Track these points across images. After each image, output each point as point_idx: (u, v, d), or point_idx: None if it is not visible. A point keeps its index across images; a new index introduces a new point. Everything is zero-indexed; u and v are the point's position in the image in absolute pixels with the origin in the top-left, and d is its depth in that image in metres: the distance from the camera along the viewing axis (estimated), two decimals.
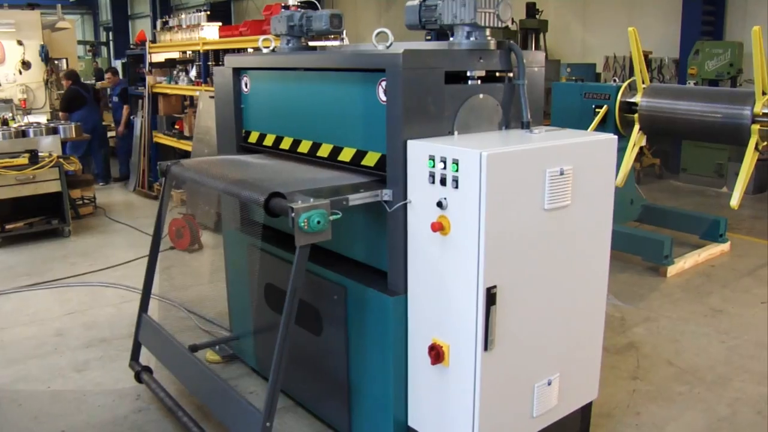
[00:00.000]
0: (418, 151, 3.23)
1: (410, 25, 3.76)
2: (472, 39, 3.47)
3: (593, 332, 3.76)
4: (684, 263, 6.99)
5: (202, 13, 9.22)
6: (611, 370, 4.86)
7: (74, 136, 9.79)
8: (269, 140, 4.43)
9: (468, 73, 3.50)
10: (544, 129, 3.56)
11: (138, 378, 4.64)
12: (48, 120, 10.66)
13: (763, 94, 6.14)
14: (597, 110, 7.26)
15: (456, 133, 3.44)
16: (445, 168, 3.08)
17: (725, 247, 7.60)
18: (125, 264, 7.59)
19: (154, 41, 10.69)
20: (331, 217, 3.12)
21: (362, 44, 4.76)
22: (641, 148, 10.82)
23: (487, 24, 3.43)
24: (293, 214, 3.03)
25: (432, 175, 3.15)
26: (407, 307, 3.48)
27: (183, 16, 9.65)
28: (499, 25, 3.48)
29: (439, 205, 3.13)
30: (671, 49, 11.53)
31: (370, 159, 3.59)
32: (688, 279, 6.77)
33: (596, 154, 3.46)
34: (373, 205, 3.46)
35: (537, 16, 11.89)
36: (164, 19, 10.37)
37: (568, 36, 13.58)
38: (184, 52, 10.17)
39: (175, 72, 10.05)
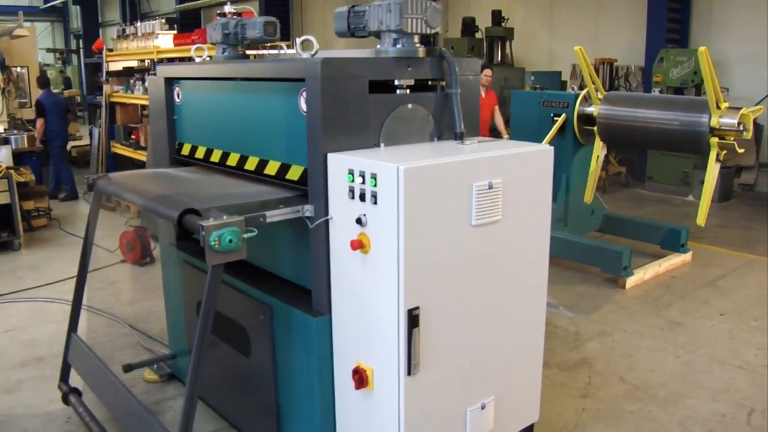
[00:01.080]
0: (339, 165, 3.06)
1: (339, 32, 3.59)
2: (399, 46, 3.30)
3: (532, 351, 3.60)
4: (644, 274, 6.87)
5: (157, 21, 9.01)
6: (561, 387, 4.71)
7: (27, 146, 9.53)
8: (201, 153, 4.25)
9: (396, 82, 3.34)
10: (476, 140, 3.40)
11: (65, 400, 4.44)
12: (5, 129, 10.37)
13: (718, 107, 6.04)
14: (555, 119, 7.13)
15: (383, 145, 3.27)
16: (364, 183, 2.91)
17: (687, 257, 7.49)
18: (74, 278, 7.32)
19: (111, 49, 10.46)
20: (246, 235, 2.95)
21: (308, 52, 4.58)
22: (606, 156, 10.82)
23: (414, 30, 3.27)
24: (203, 233, 2.86)
25: (352, 190, 2.99)
26: (332, 328, 3.30)
27: (138, 24, 9.44)
28: (428, 32, 3.32)
29: (359, 221, 2.96)
30: (637, 56, 11.49)
31: (294, 173, 3.42)
32: (647, 290, 6.64)
33: (531, 166, 3.31)
34: (299, 221, 3.29)
35: (503, 24, 11.79)
36: (121, 27, 10.15)
37: (535, 44, 13.50)
38: (143, 61, 9.95)
39: (131, 81, 9.83)
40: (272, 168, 3.59)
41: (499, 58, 11.82)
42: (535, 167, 3.32)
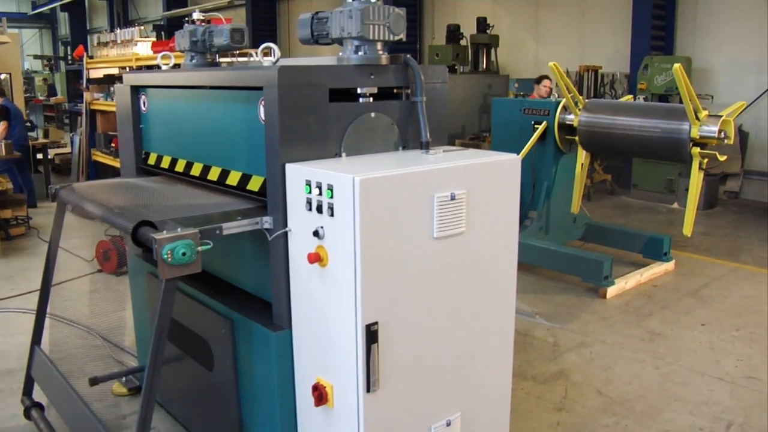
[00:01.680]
0: (296, 176, 2.97)
1: (303, 39, 3.51)
2: (360, 54, 3.22)
3: (500, 365, 3.49)
4: (625, 283, 6.79)
5: (136, 28, 8.91)
6: (536, 401, 4.62)
7: (4, 154, 9.41)
8: (166, 162, 4.16)
9: (358, 91, 3.25)
10: (441, 150, 3.31)
11: (27, 415, 4.34)
12: None
13: (697, 119, 5.99)
14: (536, 126, 7.06)
15: (344, 155, 3.19)
16: (320, 194, 2.82)
17: (669, 265, 7.42)
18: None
19: (92, 57, 10.36)
20: (201, 248, 2.86)
21: (269, 60, 4.50)
22: (591, 164, 10.76)
23: (377, 37, 3.18)
24: (155, 246, 2.77)
25: (309, 202, 2.90)
26: (292, 343, 3.21)
27: (118, 31, 9.34)
28: (392, 39, 3.24)
29: (316, 234, 2.87)
30: (623, 63, 11.45)
31: (255, 183, 3.33)
32: (629, 300, 6.56)
33: (497, 176, 3.22)
34: (260, 233, 3.20)
35: (488, 31, 11.73)
36: (101, 34, 10.05)
37: (521, 51, 13.46)
38: (124, 68, 9.84)
39: (112, 88, 9.72)
40: (234, 178, 3.51)
41: (484, 66, 11.76)
42: (502, 177, 3.24)
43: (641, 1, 10.91)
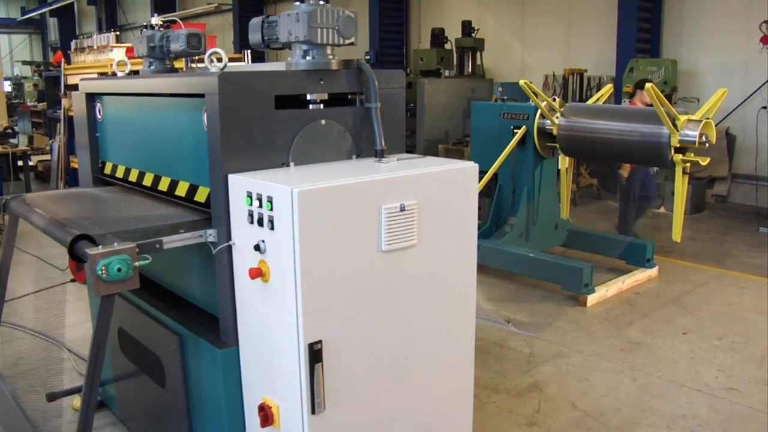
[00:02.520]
0: (238, 187, 2.83)
1: (254, 44, 3.38)
2: (309, 58, 3.08)
3: (460, 382, 3.35)
4: (606, 291, 6.65)
5: (111, 34, 8.77)
6: (507, 415, 4.48)
7: None
8: (120, 172, 4.03)
9: (308, 97, 3.12)
10: (395, 158, 3.18)
11: None
12: None
13: (676, 129, 5.87)
14: (515, 131, 6.93)
15: (292, 164, 3.05)
16: (261, 206, 2.69)
17: (653, 272, 7.28)
18: (18, 299, 7.08)
19: (69, 63, 10.22)
20: (139, 263, 2.72)
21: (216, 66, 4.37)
22: (577, 168, 10.65)
23: (326, 41, 3.05)
24: (89, 261, 2.63)
25: (251, 214, 2.76)
26: (240, 360, 3.07)
27: (95, 36, 9.20)
28: (342, 42, 3.10)
29: (257, 248, 2.73)
30: (609, 66, 11.33)
31: (202, 194, 3.19)
32: (609, 308, 6.42)
33: (452, 185, 3.08)
34: (208, 247, 3.06)
35: (473, 35, 11.60)
36: (79, 40, 9.91)
37: (507, 55, 13.34)
38: (101, 74, 9.71)
39: None
40: (182, 189, 3.37)
41: (470, 70, 11.64)
42: (458, 186, 3.10)
43: (627, 3, 10.79)
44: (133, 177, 3.87)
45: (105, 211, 3.54)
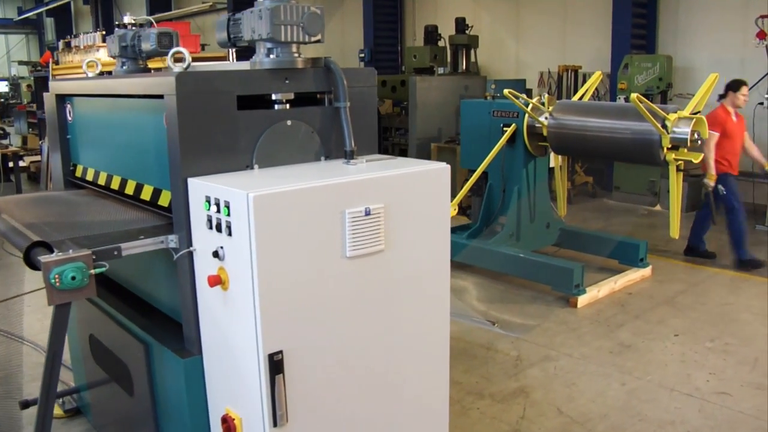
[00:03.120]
0: (197, 191, 2.73)
1: (220, 42, 3.27)
2: (273, 57, 2.97)
3: (434, 391, 3.24)
4: (598, 291, 6.53)
5: (98, 33, 8.67)
6: (491, 421, 4.37)
7: None
8: (90, 175, 3.93)
9: (273, 97, 3.01)
10: (365, 159, 3.07)
11: None
12: None
13: (666, 131, 5.76)
14: (505, 129, 6.81)
15: (257, 167, 2.95)
16: (219, 211, 2.58)
17: (646, 271, 7.16)
18: (4, 302, 6.99)
19: (58, 63, 10.12)
20: (95, 270, 2.62)
21: (179, 66, 4.27)
22: (573, 166, 10.54)
23: (290, 39, 2.93)
24: (42, 269, 2.54)
25: (210, 220, 2.65)
26: (204, 370, 2.97)
27: (81, 36, 9.09)
28: (307, 40, 2.99)
29: (216, 255, 2.63)
30: (605, 63, 11.19)
31: (165, 198, 3.09)
32: (601, 309, 6.30)
33: (423, 187, 2.97)
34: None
35: (467, 32, 11.47)
36: (66, 40, 9.81)
37: (502, 52, 13.22)
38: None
39: None
40: (147, 193, 3.27)
41: (464, 67, 11.51)
42: (429, 188, 2.99)
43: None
44: (102, 180, 3.77)
45: (70, 216, 3.44)
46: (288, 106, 3.04)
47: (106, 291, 3.81)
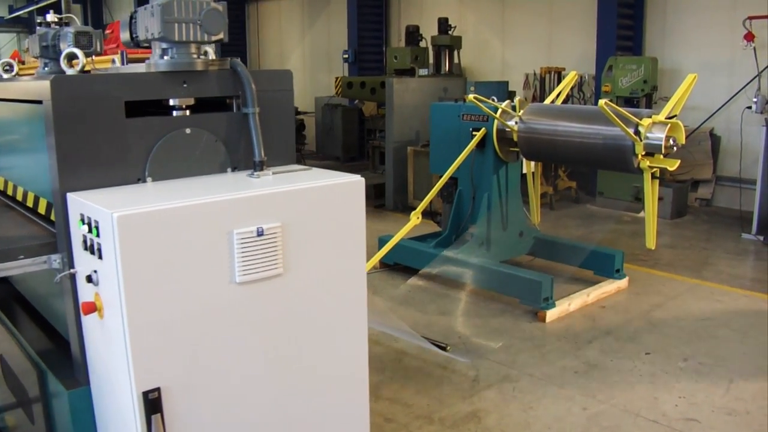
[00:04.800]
0: (74, 208, 2.45)
1: (125, 42, 2.99)
2: (167, 58, 2.70)
3: (351, 425, 2.96)
4: (569, 305, 6.23)
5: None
6: None
7: None
8: (1, 184, 3.65)
9: (171, 102, 2.73)
10: (271, 171, 2.79)
11: None
12: None
13: (639, 138, 5.47)
14: (474, 133, 6.52)
15: (149, 180, 2.67)
16: (90, 231, 2.30)
17: (622, 283, 6.85)
18: None
19: (24, 63, 9.82)
20: None
21: (73, 69, 3.99)
22: (556, 170, 10.24)
23: (186, 38, 2.66)
24: None
25: (85, 240, 2.38)
26: (92, 402, 2.69)
27: None
28: (207, 39, 2.71)
29: (90, 279, 2.35)
30: (590, 65, 10.90)
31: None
32: (570, 324, 6.00)
33: (331, 203, 2.69)
34: None
35: (450, 32, 11.18)
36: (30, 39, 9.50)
37: (487, 53, 12.92)
38: (53, 73, 9.32)
39: None
40: (42, 207, 2.99)
41: (447, 68, 11.23)
42: (339, 203, 2.71)
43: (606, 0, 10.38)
44: (9, 191, 3.50)
45: None
46: (188, 112, 2.76)
47: (21, 310, 3.56)
